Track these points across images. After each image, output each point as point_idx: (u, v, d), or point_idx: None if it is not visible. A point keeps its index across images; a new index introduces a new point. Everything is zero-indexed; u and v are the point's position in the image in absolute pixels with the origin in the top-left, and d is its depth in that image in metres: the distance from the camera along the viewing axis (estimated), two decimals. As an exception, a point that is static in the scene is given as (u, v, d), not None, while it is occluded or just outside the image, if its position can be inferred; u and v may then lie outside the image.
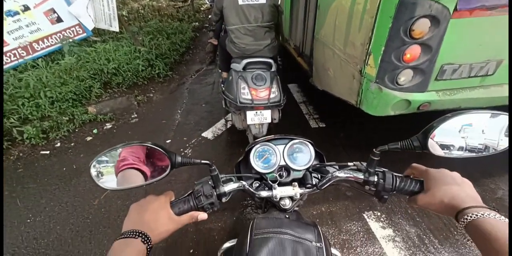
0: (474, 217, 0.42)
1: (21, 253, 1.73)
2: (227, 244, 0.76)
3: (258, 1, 2.12)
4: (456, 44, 1.52)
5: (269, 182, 0.71)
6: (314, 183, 0.71)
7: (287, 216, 0.71)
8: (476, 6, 1.41)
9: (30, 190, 2.19)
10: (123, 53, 3.39)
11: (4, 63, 3.15)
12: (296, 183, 0.70)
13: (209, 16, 5.99)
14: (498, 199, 1.90)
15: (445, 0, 1.38)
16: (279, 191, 0.69)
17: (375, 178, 0.64)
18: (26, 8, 3.16)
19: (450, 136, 0.58)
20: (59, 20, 3.36)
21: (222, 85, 2.78)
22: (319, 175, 0.78)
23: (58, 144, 2.67)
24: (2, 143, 2.49)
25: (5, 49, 3.12)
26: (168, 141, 2.61)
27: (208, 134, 2.67)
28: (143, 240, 0.49)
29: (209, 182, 0.66)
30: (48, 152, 2.59)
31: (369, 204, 1.90)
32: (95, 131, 2.81)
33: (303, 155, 0.77)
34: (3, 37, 3.00)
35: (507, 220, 0.41)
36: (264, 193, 0.69)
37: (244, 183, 0.70)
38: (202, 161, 0.62)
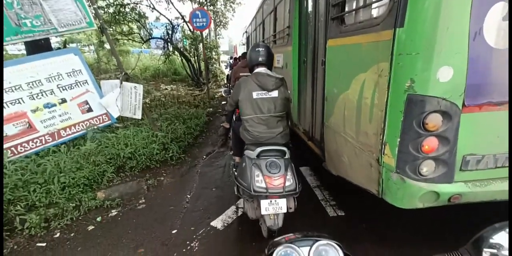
0: None
1: None
2: None
3: (271, 95, 2.29)
4: (474, 136, 1.50)
5: None
6: None
7: None
8: (483, 102, 1.44)
9: None
10: (141, 138, 3.51)
11: (29, 148, 3.23)
12: None
13: (223, 102, 6.56)
14: None
15: (452, 97, 1.43)
16: None
17: None
18: (63, 101, 3.49)
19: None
20: (89, 110, 3.66)
21: (234, 169, 2.70)
22: None
23: (57, 235, 2.41)
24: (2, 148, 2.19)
25: (33, 136, 3.27)
26: (174, 231, 2.33)
27: (217, 223, 2.40)
28: None
29: None
30: (44, 244, 2.30)
31: None
32: (98, 219, 2.59)
33: None
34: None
35: None
36: None
37: None
38: None
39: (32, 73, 3.28)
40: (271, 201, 1.91)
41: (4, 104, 3.11)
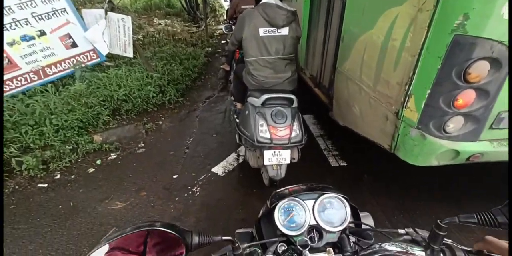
0: None
1: None
2: None
3: (281, 33, 1.92)
4: (519, 90, 1.25)
5: (299, 247, 0.56)
6: (354, 249, 0.58)
7: None
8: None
9: (19, 232, 1.89)
10: (135, 79, 3.21)
11: (14, 87, 2.96)
12: (331, 249, 0.57)
13: (222, 41, 5.92)
14: None
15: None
16: None
17: None
18: (42, 33, 3.03)
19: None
20: (74, 45, 3.22)
21: (235, 116, 2.53)
22: (356, 238, 0.67)
23: (58, 176, 2.40)
24: (2, 144, 2.23)
25: (16, 73, 2.95)
26: (175, 176, 2.32)
27: (218, 169, 2.37)
28: None
29: None
30: (46, 185, 2.31)
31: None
32: (98, 161, 2.55)
33: (336, 212, 0.64)
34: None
35: None
36: None
37: None
38: (224, 238, 0.53)
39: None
40: (274, 152, 1.80)
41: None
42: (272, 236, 0.64)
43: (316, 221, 0.62)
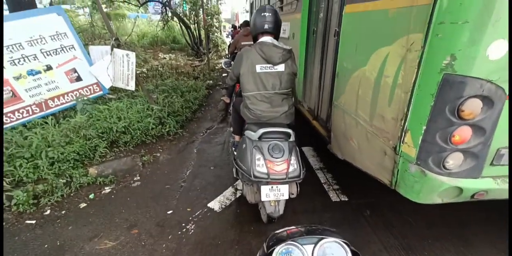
0: None
1: None
2: None
3: (277, 69, 1.98)
4: (515, 126, 1.25)
5: None
6: None
7: None
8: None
9: None
10: (135, 111, 3.25)
11: (15, 119, 2.98)
12: None
13: (223, 75, 6.16)
14: None
15: (500, 80, 1.15)
16: None
17: None
18: (49, 68, 3.15)
19: None
20: (78, 79, 3.33)
21: (233, 148, 2.50)
22: None
23: (48, 212, 2.28)
24: (2, 147, 2.09)
25: (19, 106, 3.00)
26: (169, 212, 2.20)
27: (214, 204, 2.26)
28: None
29: None
30: (34, 221, 2.18)
31: None
32: (91, 196, 2.45)
33: None
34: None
35: None
36: None
37: None
38: None
39: (10, 35, 2.88)
40: (272, 187, 1.74)
41: (-19, 70, 2.78)
42: None
43: None
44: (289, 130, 1.84)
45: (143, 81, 3.79)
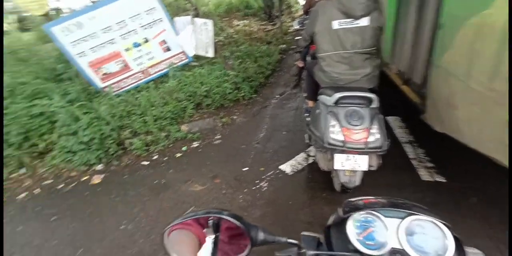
0: None
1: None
2: None
3: (359, 24, 1.66)
4: None
5: None
6: None
7: None
8: None
9: (128, 197, 2.29)
10: (214, 76, 3.42)
11: (128, 84, 3.55)
12: None
13: (297, 38, 5.72)
14: None
15: None
16: None
17: None
18: (146, 40, 3.52)
19: None
20: (168, 49, 3.65)
21: (306, 114, 2.38)
22: None
23: (155, 157, 2.78)
24: (2, 144, 2.51)
25: (130, 73, 3.55)
26: (245, 169, 2.38)
27: (286, 167, 2.30)
28: None
29: None
30: (147, 163, 2.71)
31: None
32: (184, 148, 2.84)
33: (430, 240, 0.48)
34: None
35: None
36: None
37: None
38: (290, 240, 0.50)
39: (118, 13, 3.26)
40: (348, 156, 1.59)
41: (102, 44, 3.30)
42: (342, 248, 0.54)
43: (402, 246, 0.48)
44: (372, 95, 1.58)
45: (220, 49, 3.86)
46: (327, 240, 0.59)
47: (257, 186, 2.14)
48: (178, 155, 2.77)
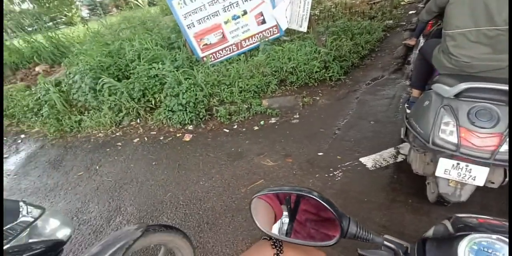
0: None
1: (188, 207, 2.02)
2: None
3: None
4: None
5: None
6: None
7: None
8: None
9: (209, 158, 2.55)
10: (304, 53, 3.21)
11: (222, 55, 3.75)
12: None
13: (410, 12, 4.70)
14: None
15: None
16: None
17: None
18: (245, 13, 3.53)
19: None
20: (263, 22, 3.57)
21: (407, 105, 1.98)
22: None
23: (235, 126, 2.96)
24: (2, 144, 2.77)
25: (225, 45, 3.70)
26: (320, 154, 2.24)
27: (368, 161, 2.03)
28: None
29: None
30: (228, 130, 2.92)
31: None
32: (261, 122, 2.89)
33: None
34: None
35: None
36: None
37: None
38: (387, 243, 0.43)
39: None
40: (459, 163, 1.25)
41: (207, 17, 3.50)
42: None
43: None
44: None
45: (314, 23, 3.53)
46: (420, 254, 0.47)
47: (330, 174, 1.98)
48: (256, 128, 2.84)
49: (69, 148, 3.26)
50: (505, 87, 1.14)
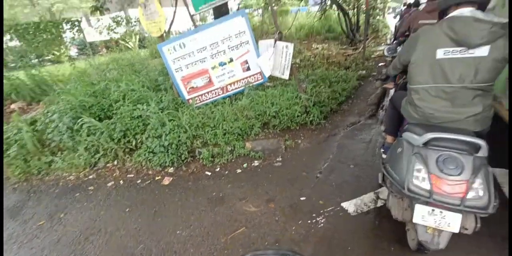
0: None
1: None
2: None
3: (473, 54, 1.39)
4: None
5: None
6: None
7: None
8: None
9: (188, 203, 2.45)
10: (286, 98, 3.47)
11: (208, 98, 3.95)
12: None
13: (379, 64, 5.37)
14: None
15: None
16: None
17: None
18: (231, 60, 3.89)
19: None
20: (248, 69, 3.92)
21: (382, 150, 2.12)
22: None
23: (218, 169, 2.94)
24: (2, 146, 2.70)
25: (211, 88, 3.95)
26: (302, 198, 2.25)
27: (349, 206, 2.06)
28: None
29: None
30: (210, 173, 2.89)
31: None
32: (244, 165, 2.91)
33: None
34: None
35: None
36: None
37: None
38: None
39: (213, 36, 3.74)
40: (433, 210, 1.31)
41: (195, 62, 3.80)
42: None
43: None
44: (480, 141, 1.28)
45: (295, 71, 3.93)
46: None
47: (313, 220, 1.97)
48: (239, 171, 2.84)
49: (33, 192, 3.02)
50: (466, 138, 1.30)
